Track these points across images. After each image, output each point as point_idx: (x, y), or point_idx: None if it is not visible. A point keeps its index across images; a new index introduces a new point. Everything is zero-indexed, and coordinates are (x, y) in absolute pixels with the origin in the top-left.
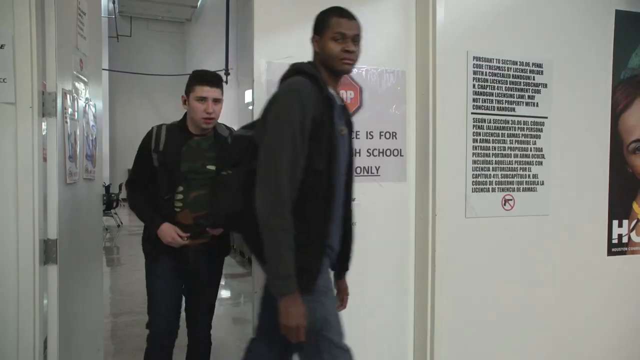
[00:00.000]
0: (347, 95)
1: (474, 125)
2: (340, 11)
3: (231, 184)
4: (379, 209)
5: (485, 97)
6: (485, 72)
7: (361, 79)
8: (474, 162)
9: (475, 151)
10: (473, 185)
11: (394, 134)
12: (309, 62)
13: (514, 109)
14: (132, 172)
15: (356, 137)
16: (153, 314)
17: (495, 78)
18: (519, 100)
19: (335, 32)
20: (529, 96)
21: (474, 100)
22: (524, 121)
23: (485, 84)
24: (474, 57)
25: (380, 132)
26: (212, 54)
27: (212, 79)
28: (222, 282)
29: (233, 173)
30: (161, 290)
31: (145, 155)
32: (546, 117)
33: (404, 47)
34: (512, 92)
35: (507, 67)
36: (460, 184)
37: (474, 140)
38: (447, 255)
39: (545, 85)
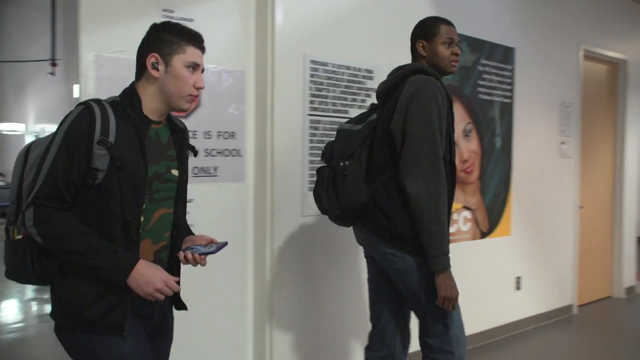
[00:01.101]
0: None
1: (310, 127)
2: (446, 20)
3: (352, 174)
4: (217, 209)
5: (321, 100)
6: (321, 75)
7: None
8: (310, 162)
9: (311, 152)
10: (309, 184)
11: (233, 133)
12: (418, 64)
13: (347, 112)
14: (49, 183)
15: (193, 137)
16: None
17: (331, 82)
18: (352, 103)
19: (446, 37)
20: (361, 100)
21: (310, 102)
22: None
23: (321, 86)
24: (310, 61)
25: (219, 132)
26: (34, 40)
27: (203, 42)
28: None
29: (350, 164)
30: None
31: (81, 150)
32: None
33: (243, 48)
34: (346, 96)
35: (342, 72)
36: (297, 183)
37: (310, 141)
38: (285, 252)
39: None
